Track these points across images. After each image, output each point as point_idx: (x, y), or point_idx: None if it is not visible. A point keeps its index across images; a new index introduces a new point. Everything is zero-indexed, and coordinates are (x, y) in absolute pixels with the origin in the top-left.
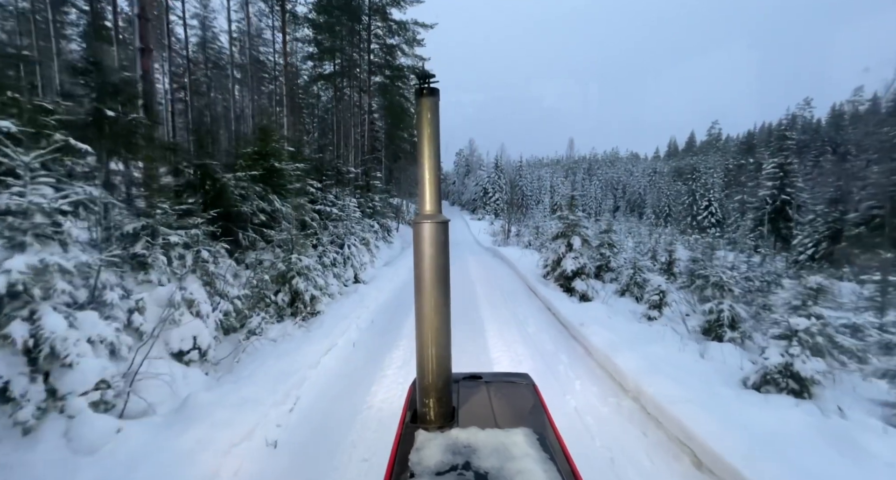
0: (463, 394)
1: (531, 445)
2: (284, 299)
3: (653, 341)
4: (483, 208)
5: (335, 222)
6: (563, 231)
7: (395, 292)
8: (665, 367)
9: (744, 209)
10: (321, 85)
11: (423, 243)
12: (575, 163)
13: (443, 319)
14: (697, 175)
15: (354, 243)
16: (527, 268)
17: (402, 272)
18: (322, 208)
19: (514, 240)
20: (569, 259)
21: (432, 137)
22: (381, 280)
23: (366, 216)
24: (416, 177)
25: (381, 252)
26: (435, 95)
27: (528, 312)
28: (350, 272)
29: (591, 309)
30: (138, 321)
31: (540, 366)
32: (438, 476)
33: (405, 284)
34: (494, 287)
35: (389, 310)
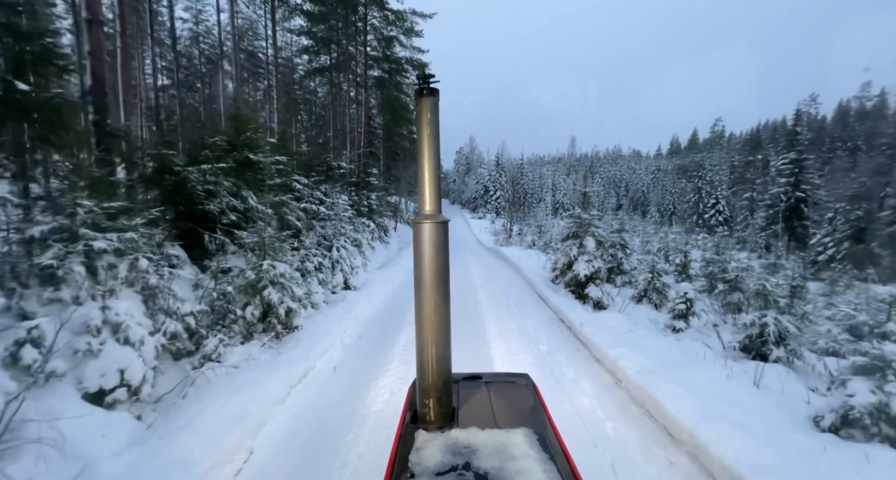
0: (463, 394)
1: (531, 445)
2: (255, 313)
3: (691, 364)
4: (484, 206)
5: (323, 222)
6: (575, 231)
7: (388, 300)
8: (720, 405)
9: (753, 207)
10: (319, 81)
11: (423, 244)
12: (577, 161)
13: (443, 319)
14: (703, 173)
15: (344, 246)
16: (533, 271)
17: (397, 276)
18: (308, 206)
19: (517, 240)
20: (581, 263)
21: (432, 137)
22: (374, 286)
23: (360, 215)
24: (415, 175)
25: (377, 254)
26: (435, 95)
27: (538, 325)
28: (339, 277)
29: (608, 320)
30: (30, 357)
31: (559, 398)
32: (438, 477)
33: (400, 289)
34: (498, 293)
35: (380, 321)
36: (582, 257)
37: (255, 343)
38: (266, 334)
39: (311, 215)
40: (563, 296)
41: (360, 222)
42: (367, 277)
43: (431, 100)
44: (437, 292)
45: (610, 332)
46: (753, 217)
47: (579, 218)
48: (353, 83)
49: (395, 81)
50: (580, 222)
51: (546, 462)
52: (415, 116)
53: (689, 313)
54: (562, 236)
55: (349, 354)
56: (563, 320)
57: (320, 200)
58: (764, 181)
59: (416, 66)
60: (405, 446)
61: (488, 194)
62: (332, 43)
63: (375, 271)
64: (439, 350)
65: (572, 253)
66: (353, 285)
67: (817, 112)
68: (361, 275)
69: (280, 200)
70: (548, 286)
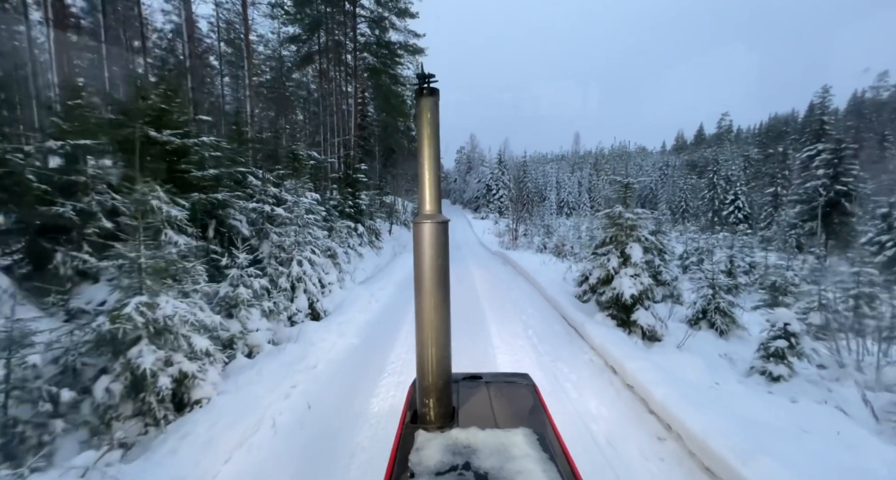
0: (463, 394)
1: (531, 445)
2: (114, 389)
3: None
4: (486, 206)
5: (283, 228)
6: (615, 236)
7: (366, 331)
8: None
9: (777, 203)
10: (310, 76)
11: (423, 244)
12: (581, 158)
13: (443, 319)
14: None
15: (311, 258)
16: (551, 283)
17: (385, 292)
18: (260, 206)
19: (523, 241)
20: (625, 279)
21: (432, 137)
22: (351, 309)
23: (345, 217)
24: (412, 173)
25: (365, 262)
26: (435, 95)
27: (579, 378)
28: (302, 301)
29: (673, 363)
30: None
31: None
32: (438, 477)
33: (386, 312)
34: (512, 318)
35: (350, 372)
36: (625, 271)
37: (118, 437)
38: (152, 418)
39: (266, 218)
40: (600, 323)
41: (345, 225)
42: (344, 296)
43: (431, 100)
44: (437, 293)
45: (686, 388)
46: (778, 214)
47: (620, 218)
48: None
49: (389, 69)
50: (621, 224)
51: (546, 462)
52: (414, 115)
53: (791, 352)
54: (597, 241)
55: (279, 451)
56: (614, 369)
57: (276, 198)
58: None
59: (412, 50)
60: (405, 446)
61: (490, 193)
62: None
63: (358, 286)
64: (439, 350)
65: (611, 265)
66: (321, 310)
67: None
68: (336, 294)
69: (213, 199)
70: (575, 306)
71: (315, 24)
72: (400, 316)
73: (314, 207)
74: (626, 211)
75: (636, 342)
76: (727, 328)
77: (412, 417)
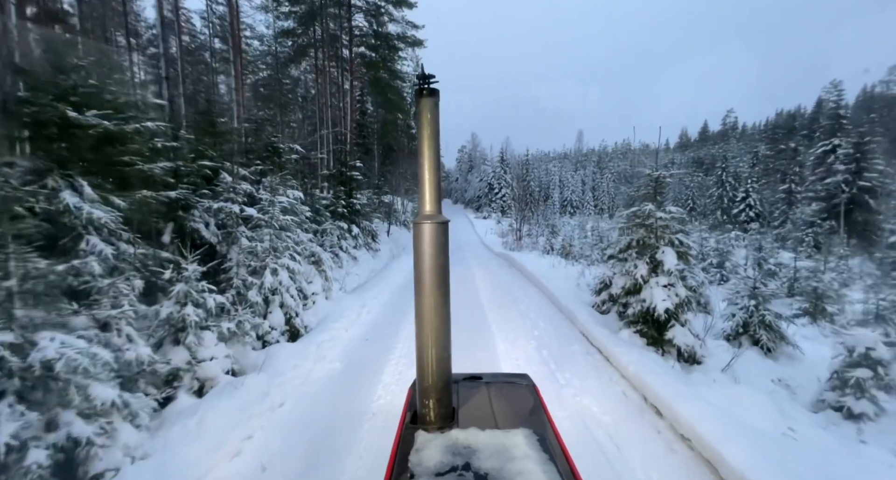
0: (463, 395)
1: (531, 446)
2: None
3: None
4: (488, 205)
5: (258, 231)
6: (643, 239)
7: (351, 354)
8: None
9: (791, 200)
10: (307, 75)
11: (423, 244)
12: (584, 156)
13: (443, 319)
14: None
15: (290, 266)
16: (564, 290)
17: (378, 300)
18: (227, 206)
19: (527, 242)
20: (657, 290)
21: (432, 137)
22: (336, 324)
23: (337, 218)
24: (412, 171)
25: (359, 265)
26: (435, 95)
27: (617, 424)
28: (277, 316)
29: (725, 397)
30: None
31: None
32: (438, 477)
33: (378, 326)
34: (525, 335)
35: (321, 418)
36: (656, 280)
37: None
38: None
39: (236, 219)
40: (627, 341)
41: (337, 226)
42: (331, 307)
43: (431, 100)
44: (437, 293)
45: (752, 436)
46: (792, 211)
47: (649, 218)
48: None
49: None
50: (650, 225)
51: (546, 463)
52: (413, 113)
53: (875, 384)
54: (620, 245)
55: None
56: (658, 409)
57: (251, 197)
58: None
59: (410, 42)
60: (405, 446)
61: (493, 192)
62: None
63: (347, 295)
64: (439, 351)
65: (639, 273)
66: (301, 326)
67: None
68: (321, 306)
69: (165, 198)
70: (594, 318)
71: (309, 15)
72: (393, 330)
73: (297, 206)
74: (657, 210)
75: (673, 365)
76: (774, 345)
77: (412, 417)
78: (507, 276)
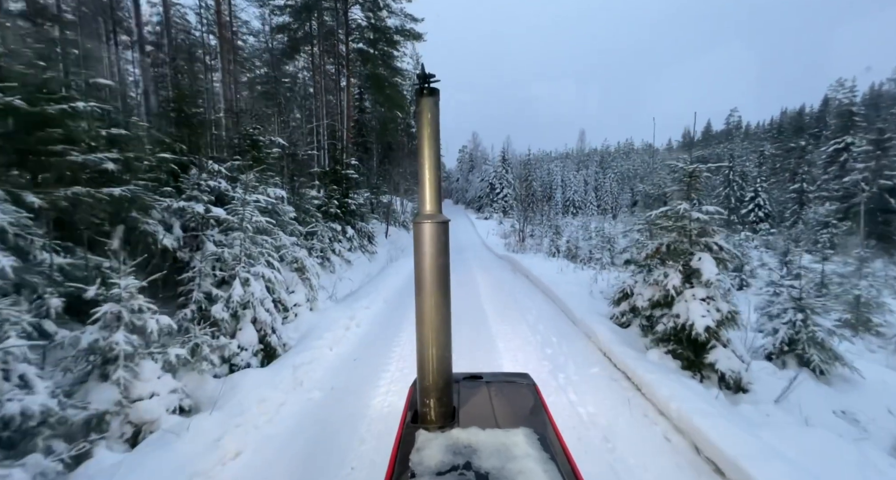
0: (463, 394)
1: (532, 445)
2: None
3: None
4: (490, 205)
5: (229, 234)
6: (673, 243)
7: (334, 379)
8: None
9: (803, 200)
10: (302, 66)
11: (423, 244)
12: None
13: (443, 319)
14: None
15: (264, 273)
16: (576, 298)
17: (370, 311)
18: (191, 205)
19: (531, 244)
20: (694, 304)
21: (432, 137)
22: (318, 340)
23: (329, 219)
24: (412, 170)
25: (353, 270)
26: (435, 94)
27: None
28: (248, 334)
29: (798, 442)
30: None
31: None
32: (439, 477)
33: (367, 342)
34: (536, 354)
35: (287, 477)
36: (692, 292)
37: None
38: None
39: (201, 221)
40: (658, 364)
41: (328, 228)
42: (315, 320)
43: (431, 100)
44: (438, 292)
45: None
46: (804, 212)
47: (683, 219)
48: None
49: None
50: (684, 227)
51: (547, 462)
52: (414, 115)
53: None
54: (647, 250)
55: None
56: (715, 463)
57: (218, 194)
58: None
59: (409, 36)
60: (406, 446)
61: (494, 192)
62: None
63: (336, 304)
64: (439, 350)
65: (670, 283)
66: (278, 345)
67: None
68: (304, 318)
69: (105, 196)
70: (614, 333)
71: (305, 8)
72: (385, 346)
73: (279, 206)
74: (692, 209)
75: (717, 395)
76: (827, 366)
77: (413, 417)
78: (511, 281)
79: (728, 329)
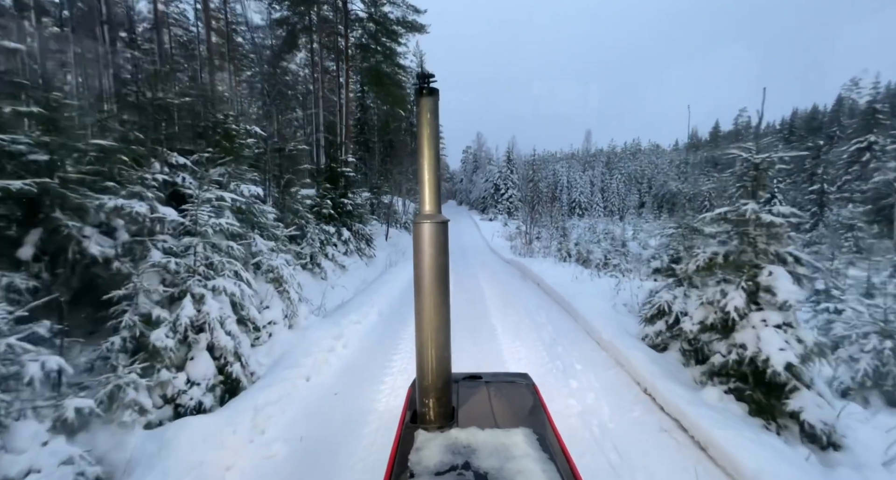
0: (463, 394)
1: (531, 445)
2: None
3: None
4: (494, 206)
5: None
6: (731, 253)
7: (309, 425)
8: None
9: (823, 202)
10: (308, 73)
11: (423, 244)
12: (592, 156)
13: (443, 319)
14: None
15: (225, 287)
16: (599, 313)
17: (361, 326)
18: (126, 203)
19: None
20: (767, 333)
21: (432, 137)
22: (291, 372)
23: (322, 220)
24: (413, 169)
25: (348, 275)
26: (434, 94)
27: None
28: (202, 365)
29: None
30: None
31: None
32: (438, 477)
33: (354, 369)
34: (562, 389)
35: None
36: (761, 317)
37: None
38: None
39: (142, 225)
40: (715, 405)
41: (320, 230)
42: (294, 340)
43: (431, 100)
44: (437, 293)
45: None
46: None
47: (750, 224)
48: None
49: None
50: (746, 234)
51: (546, 462)
52: (414, 114)
53: None
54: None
55: None
56: None
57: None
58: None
59: (410, 27)
60: (405, 446)
61: (499, 192)
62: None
63: (323, 319)
64: (439, 350)
65: (731, 304)
66: (244, 375)
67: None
68: (280, 338)
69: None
70: (655, 363)
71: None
72: (377, 373)
73: (256, 206)
74: (761, 211)
75: (807, 456)
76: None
77: (412, 417)
78: (521, 290)
79: (812, 366)
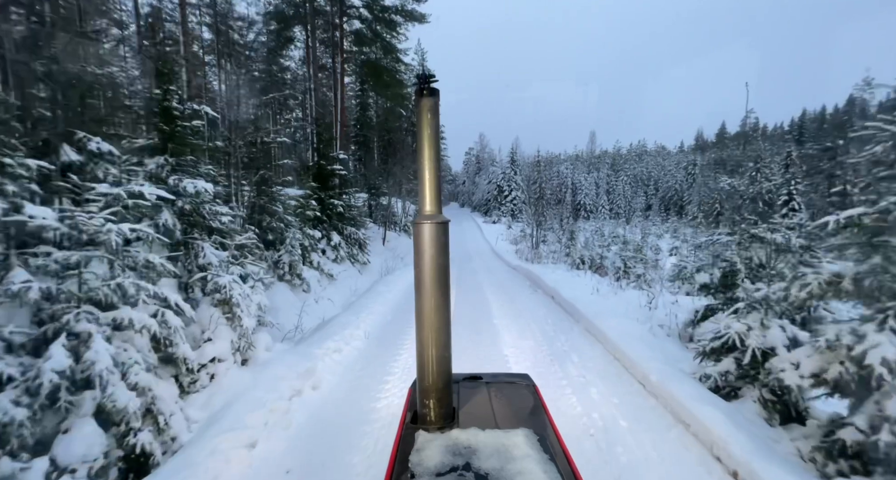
0: (463, 395)
1: (531, 446)
2: None
3: None
4: (498, 208)
5: (81, 250)
6: (865, 276)
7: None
8: None
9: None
10: (305, 72)
11: (423, 244)
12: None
13: (443, 319)
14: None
15: (134, 321)
16: (633, 337)
17: (342, 356)
18: None
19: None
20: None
21: (432, 138)
22: (232, 435)
23: (309, 223)
24: (414, 169)
25: (336, 286)
26: (435, 95)
27: None
28: (76, 444)
29: None
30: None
31: None
32: (439, 477)
33: (321, 424)
34: (598, 461)
35: None
36: None
37: None
38: None
39: (6, 231)
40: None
41: (301, 236)
42: (246, 380)
43: (431, 100)
44: (438, 293)
45: None
46: None
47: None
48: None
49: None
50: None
51: (546, 463)
52: (414, 115)
53: None
54: (796, 282)
55: None
56: None
57: (73, 184)
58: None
59: (409, 16)
60: (405, 446)
61: (502, 194)
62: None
63: (295, 345)
64: (439, 351)
65: (875, 354)
66: (156, 446)
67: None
68: (228, 379)
69: None
70: (739, 429)
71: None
72: (353, 430)
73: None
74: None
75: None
76: None
77: (412, 417)
78: (533, 305)
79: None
